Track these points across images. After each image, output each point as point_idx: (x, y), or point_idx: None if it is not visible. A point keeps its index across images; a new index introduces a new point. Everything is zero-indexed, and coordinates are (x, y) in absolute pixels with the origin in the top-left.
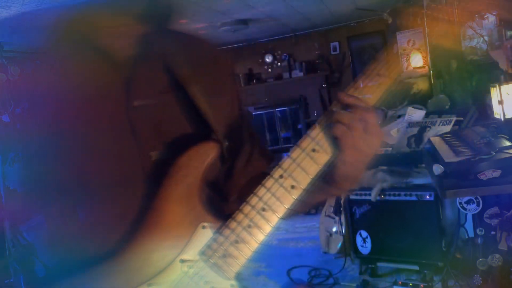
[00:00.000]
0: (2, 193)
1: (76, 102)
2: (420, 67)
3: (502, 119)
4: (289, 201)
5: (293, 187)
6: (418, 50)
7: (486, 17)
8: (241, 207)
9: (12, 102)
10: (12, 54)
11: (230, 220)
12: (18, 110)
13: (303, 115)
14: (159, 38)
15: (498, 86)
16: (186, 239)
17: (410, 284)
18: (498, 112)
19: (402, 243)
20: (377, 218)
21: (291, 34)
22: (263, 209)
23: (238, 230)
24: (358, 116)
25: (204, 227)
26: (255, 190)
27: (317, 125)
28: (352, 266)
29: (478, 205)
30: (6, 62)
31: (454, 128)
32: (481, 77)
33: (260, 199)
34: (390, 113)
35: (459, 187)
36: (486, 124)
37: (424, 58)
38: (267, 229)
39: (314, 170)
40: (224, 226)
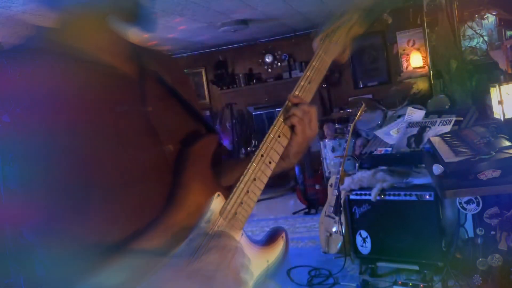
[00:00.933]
0: (2, 193)
1: (92, 106)
2: (420, 67)
3: (502, 119)
4: (268, 172)
5: (270, 162)
6: (418, 50)
7: (486, 17)
8: (241, 179)
9: (12, 102)
10: (12, 54)
11: (233, 188)
12: (18, 110)
13: None
14: (147, 55)
15: (498, 86)
16: (207, 207)
17: (410, 284)
18: (498, 112)
19: (402, 243)
20: (377, 218)
21: (291, 34)
22: (254, 179)
23: (242, 195)
24: (305, 110)
25: (218, 195)
26: (248, 166)
27: (279, 119)
28: (352, 266)
29: (478, 205)
30: (6, 62)
31: (454, 128)
32: (481, 77)
33: (253, 172)
34: (390, 113)
35: (459, 187)
36: (486, 124)
37: (424, 58)
38: (258, 192)
39: (280, 150)
40: (230, 193)
